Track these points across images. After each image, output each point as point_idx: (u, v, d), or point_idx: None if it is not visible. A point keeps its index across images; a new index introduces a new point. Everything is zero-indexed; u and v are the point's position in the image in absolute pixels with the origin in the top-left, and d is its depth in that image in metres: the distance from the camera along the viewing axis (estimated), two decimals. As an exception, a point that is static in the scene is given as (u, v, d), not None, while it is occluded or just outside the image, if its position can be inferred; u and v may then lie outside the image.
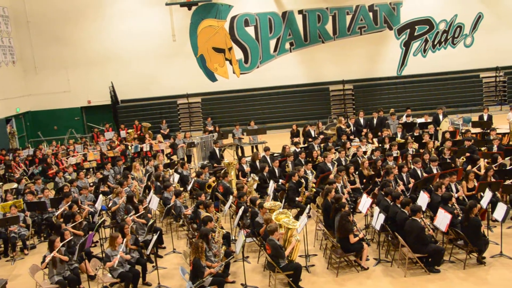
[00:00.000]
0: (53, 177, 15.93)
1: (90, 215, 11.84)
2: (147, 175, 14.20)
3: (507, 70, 25.07)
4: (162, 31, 24.95)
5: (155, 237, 9.06)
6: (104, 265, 8.88)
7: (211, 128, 20.73)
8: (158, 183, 13.10)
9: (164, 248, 11.07)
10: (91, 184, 14.70)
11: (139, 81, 25.10)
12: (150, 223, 10.02)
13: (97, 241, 11.28)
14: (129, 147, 19.01)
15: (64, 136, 23.82)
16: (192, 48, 25.46)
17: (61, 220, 10.91)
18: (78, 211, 11.13)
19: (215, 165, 15.94)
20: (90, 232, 10.00)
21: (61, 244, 8.83)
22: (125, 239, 9.01)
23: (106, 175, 15.00)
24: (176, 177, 13.81)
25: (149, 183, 13.53)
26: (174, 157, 18.08)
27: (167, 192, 12.05)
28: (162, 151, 18.51)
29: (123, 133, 21.32)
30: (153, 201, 11.42)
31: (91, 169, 18.08)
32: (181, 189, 12.69)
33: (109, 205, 12.08)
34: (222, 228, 10.12)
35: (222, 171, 13.40)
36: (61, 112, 25.23)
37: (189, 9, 23.63)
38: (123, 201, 11.58)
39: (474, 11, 25.10)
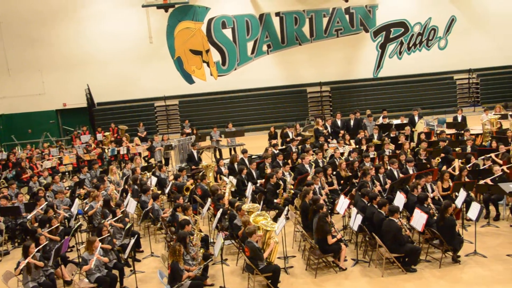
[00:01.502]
0: (27, 182, 15.65)
1: (66, 220, 11.66)
2: (124, 178, 14.07)
3: (479, 72, 25.60)
4: (138, 33, 24.74)
5: (132, 241, 8.98)
6: (80, 269, 8.76)
7: (188, 130, 20.64)
8: (136, 187, 12.99)
9: (142, 252, 10.97)
10: (67, 188, 14.50)
11: (116, 83, 24.85)
12: (127, 227, 9.92)
13: (73, 246, 11.11)
14: (106, 150, 18.81)
15: (39, 140, 23.43)
16: (169, 50, 25.34)
17: (36, 225, 10.73)
18: (54, 215, 10.95)
19: (193, 167, 15.89)
20: (66, 237, 9.84)
21: (36, 249, 8.68)
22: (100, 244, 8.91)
23: (82, 178, 14.80)
24: (154, 180, 13.71)
25: (126, 187, 13.39)
26: (152, 160, 17.95)
27: (145, 196, 11.94)
28: (140, 154, 18.36)
29: (99, 136, 21.08)
30: (131, 205, 11.31)
31: (67, 173, 17.82)
32: (159, 192, 12.60)
33: (86, 209, 11.92)
34: (200, 231, 10.08)
35: (200, 174, 13.36)
36: (36, 115, 24.82)
37: (166, 11, 23.51)
38: (100, 205, 11.44)
39: (447, 15, 25.54)
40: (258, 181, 13.46)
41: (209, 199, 11.31)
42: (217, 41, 25.38)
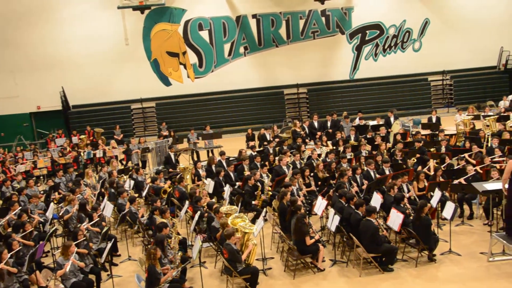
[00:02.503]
0: (0, 186, 15.31)
1: (41, 224, 11.46)
2: (100, 181, 13.90)
3: (453, 74, 26.09)
4: (114, 35, 24.52)
5: (109, 244, 8.87)
6: (55, 274, 8.61)
7: (165, 133, 20.51)
8: (112, 190, 12.84)
9: (119, 255, 10.84)
10: (42, 192, 14.25)
11: (91, 86, 24.53)
12: (104, 230, 9.80)
13: (48, 251, 10.94)
14: (82, 154, 18.56)
15: (12, 143, 22.98)
16: (146, 52, 25.15)
17: (10, 230, 10.51)
18: (28, 220, 10.75)
19: (170, 170, 15.78)
20: (41, 242, 9.67)
21: (8, 255, 8.50)
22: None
23: (57, 182, 14.57)
24: (131, 183, 13.59)
25: (102, 190, 13.24)
26: (129, 163, 17.78)
27: (121, 199, 11.82)
28: (116, 157, 18.16)
29: (75, 139, 20.79)
30: (107, 208, 11.17)
31: (41, 177, 17.53)
32: (136, 195, 12.49)
33: (61, 214, 11.73)
34: (178, 233, 10.03)
35: (178, 176, 13.28)
36: (9, 118, 24.34)
37: (142, 12, 23.30)
38: (75, 209, 11.27)
39: (421, 17, 25.95)
40: (236, 183, 13.45)
41: (187, 202, 11.25)
42: (194, 43, 25.30)
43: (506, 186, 8.76)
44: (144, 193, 13.08)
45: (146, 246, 10.23)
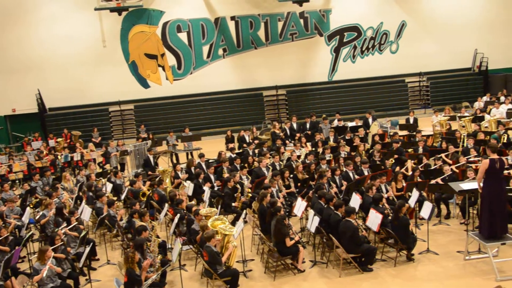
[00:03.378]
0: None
1: (16, 229, 11.27)
2: (78, 185, 13.73)
3: (429, 75, 26.46)
4: (91, 37, 24.22)
5: (87, 249, 8.76)
6: (32, 280, 8.47)
7: (144, 135, 20.36)
8: (90, 193, 12.69)
9: (98, 260, 10.73)
10: (18, 196, 14.01)
11: (68, 88, 24.17)
12: (82, 234, 9.68)
13: (24, 256, 10.76)
14: (59, 157, 18.31)
15: (-14, 147, 22.56)
16: (124, 54, 24.91)
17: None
18: (3, 225, 10.56)
19: (149, 173, 15.68)
20: (17, 247, 9.51)
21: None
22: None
23: (34, 186, 14.34)
24: (109, 186, 13.45)
25: (80, 194, 13.07)
26: (107, 166, 17.60)
27: (100, 202, 11.69)
28: (94, 160, 17.96)
29: (52, 142, 20.48)
30: (85, 212, 11.04)
31: (17, 181, 17.23)
32: (115, 198, 12.37)
33: (38, 218, 11.54)
34: (157, 237, 9.97)
35: (157, 179, 13.20)
36: (-17, 121, 23.91)
37: (120, 14, 23.10)
38: (52, 213, 11.10)
39: (398, 20, 26.27)
40: (215, 185, 13.42)
41: (166, 205, 11.19)
42: (172, 45, 25.17)
43: (481, 185, 8.92)
44: (122, 196, 12.97)
45: (125, 249, 10.13)
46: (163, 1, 24.78)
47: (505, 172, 9.95)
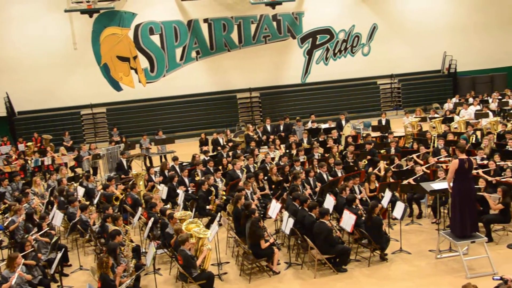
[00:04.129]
0: None
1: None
2: (49, 190, 13.47)
3: (400, 78, 26.89)
4: (62, 39, 23.81)
5: (59, 255, 8.61)
6: (1, 288, 8.28)
7: (117, 138, 20.11)
8: (62, 198, 12.47)
9: (70, 265, 10.54)
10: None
11: (38, 91, 23.70)
12: (53, 240, 9.50)
13: (-7, 264, 10.51)
14: (29, 161, 17.93)
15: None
16: (95, 56, 24.57)
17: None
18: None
19: (122, 176, 15.50)
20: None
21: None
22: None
23: (2, 192, 14.00)
24: (81, 190, 13.24)
25: (51, 198, 12.83)
26: (79, 170, 17.33)
27: (72, 207, 11.50)
28: (66, 164, 17.65)
29: (21, 147, 20.04)
30: (57, 217, 10.83)
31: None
32: (87, 203, 12.18)
33: (7, 224, 11.27)
34: (131, 241, 9.86)
35: (130, 183, 13.05)
36: None
37: (91, 16, 22.75)
38: (22, 219, 10.86)
39: (369, 22, 26.59)
40: (189, 188, 13.35)
41: (140, 208, 11.08)
42: (145, 48, 24.95)
43: (451, 184, 9.10)
44: (95, 201, 12.78)
45: (98, 254, 9.98)
46: (135, 3, 24.54)
47: (474, 172, 10.17)
